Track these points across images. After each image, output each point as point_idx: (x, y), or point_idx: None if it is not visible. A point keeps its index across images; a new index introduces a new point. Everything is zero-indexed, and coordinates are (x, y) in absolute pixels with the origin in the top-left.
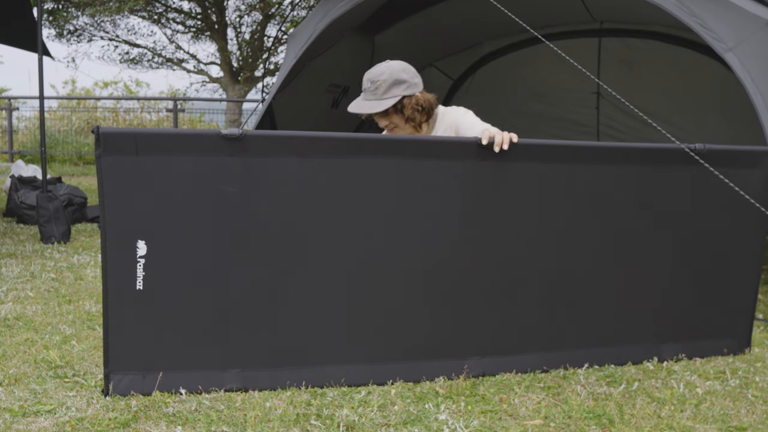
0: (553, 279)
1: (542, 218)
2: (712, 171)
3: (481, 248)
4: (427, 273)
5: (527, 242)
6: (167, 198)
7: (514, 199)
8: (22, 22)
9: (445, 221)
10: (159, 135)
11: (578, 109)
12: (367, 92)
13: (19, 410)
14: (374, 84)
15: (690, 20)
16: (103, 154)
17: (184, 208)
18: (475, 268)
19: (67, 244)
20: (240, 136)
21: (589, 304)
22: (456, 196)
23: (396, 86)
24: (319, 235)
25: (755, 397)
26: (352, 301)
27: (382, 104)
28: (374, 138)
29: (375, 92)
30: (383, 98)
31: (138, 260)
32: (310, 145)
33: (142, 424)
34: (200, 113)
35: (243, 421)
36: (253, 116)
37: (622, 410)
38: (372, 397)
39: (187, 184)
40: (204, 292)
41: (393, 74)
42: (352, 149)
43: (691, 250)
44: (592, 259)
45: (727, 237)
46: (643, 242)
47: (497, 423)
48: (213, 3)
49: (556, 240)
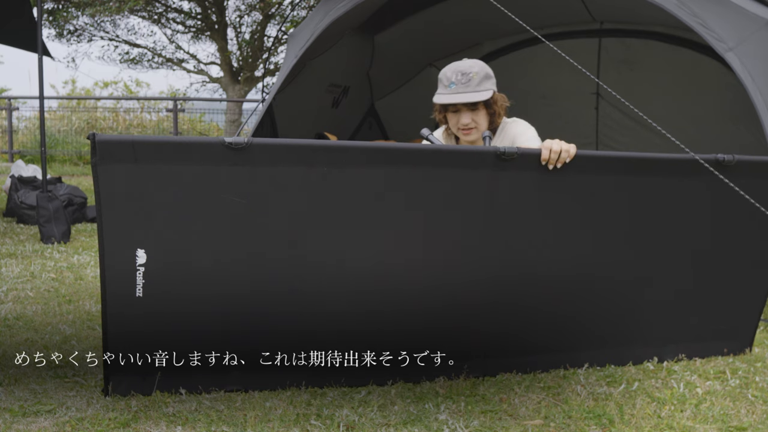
0: (559, 281)
1: (555, 225)
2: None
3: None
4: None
5: (538, 249)
6: (168, 207)
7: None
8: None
9: (457, 229)
10: (159, 143)
11: (578, 109)
12: (457, 84)
13: (19, 410)
14: (466, 76)
15: (690, 20)
16: (99, 163)
17: (185, 218)
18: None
19: (67, 244)
20: (246, 145)
21: (591, 305)
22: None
23: (487, 80)
24: (324, 244)
25: (755, 397)
26: (356, 308)
27: (481, 95)
28: (383, 147)
29: (468, 84)
30: (478, 90)
31: (137, 268)
32: (317, 154)
33: (142, 424)
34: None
35: (243, 421)
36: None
37: (622, 410)
38: (372, 397)
39: (189, 194)
40: (205, 301)
41: (484, 68)
42: (360, 158)
43: (697, 254)
44: (596, 262)
45: (735, 241)
46: (648, 246)
47: (497, 423)
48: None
49: (566, 246)
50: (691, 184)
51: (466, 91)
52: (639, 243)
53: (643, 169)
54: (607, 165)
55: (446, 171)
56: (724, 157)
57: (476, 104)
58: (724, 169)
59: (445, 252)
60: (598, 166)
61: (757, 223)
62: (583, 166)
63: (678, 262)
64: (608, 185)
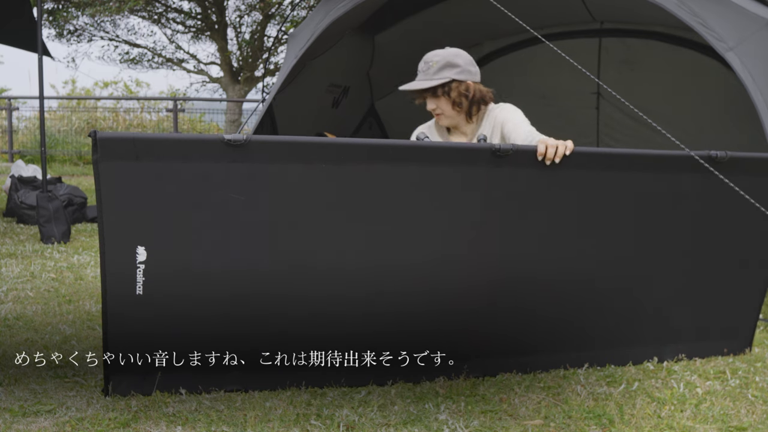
0: (558, 281)
1: (551, 223)
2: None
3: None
4: (435, 277)
5: (536, 247)
6: (168, 204)
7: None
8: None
9: (455, 227)
10: (160, 140)
11: (578, 109)
12: (420, 73)
13: (19, 410)
14: (427, 65)
15: (691, 20)
16: (100, 160)
17: (185, 214)
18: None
19: (67, 244)
20: (244, 141)
21: (591, 305)
22: (468, 202)
23: (447, 68)
24: (324, 241)
25: (755, 397)
26: (356, 305)
27: (430, 83)
28: (381, 144)
29: (427, 72)
30: (433, 78)
31: (138, 266)
32: (315, 151)
33: (142, 424)
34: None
35: (243, 421)
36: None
37: (622, 410)
38: (372, 397)
39: (189, 191)
40: (205, 298)
41: (446, 57)
42: (358, 155)
43: (694, 252)
44: (596, 261)
45: (734, 240)
46: (647, 244)
47: (497, 423)
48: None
49: (563, 244)
50: (686, 181)
51: (423, 79)
52: (637, 241)
53: (638, 166)
54: (603, 161)
55: (442, 168)
56: (717, 153)
57: (436, 91)
58: (718, 166)
59: (444, 250)
60: (595, 162)
61: (753, 221)
62: (580, 162)
63: (676, 261)
64: (605, 182)
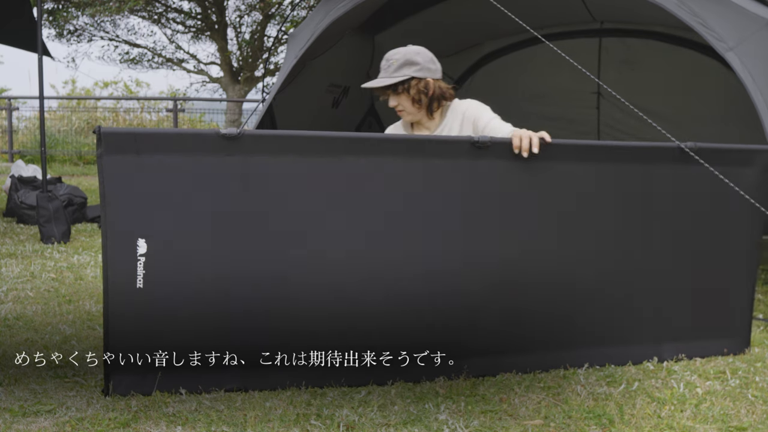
0: (553, 279)
1: (541, 218)
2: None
3: (480, 248)
4: (428, 273)
5: (527, 242)
6: (168, 197)
7: (512, 199)
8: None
9: (444, 221)
10: (159, 135)
11: (578, 109)
12: (381, 70)
13: (19, 410)
14: (388, 62)
15: (691, 20)
16: (104, 154)
17: (184, 207)
18: (474, 269)
19: (67, 244)
20: (238, 135)
21: (589, 304)
22: (454, 195)
23: (407, 66)
24: (319, 234)
25: (755, 397)
26: (353, 300)
27: (390, 80)
28: (373, 137)
29: (387, 70)
30: (392, 76)
31: (138, 258)
32: (308, 144)
33: (142, 424)
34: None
35: (243, 421)
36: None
37: (622, 410)
38: (372, 397)
39: (188, 184)
40: (204, 291)
41: (406, 55)
42: (351, 148)
43: (690, 249)
44: (591, 259)
45: (724, 236)
46: (641, 242)
47: (497, 423)
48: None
49: (556, 240)
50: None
51: (384, 77)
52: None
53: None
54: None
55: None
56: (685, 144)
57: (396, 89)
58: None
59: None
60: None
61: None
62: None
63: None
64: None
